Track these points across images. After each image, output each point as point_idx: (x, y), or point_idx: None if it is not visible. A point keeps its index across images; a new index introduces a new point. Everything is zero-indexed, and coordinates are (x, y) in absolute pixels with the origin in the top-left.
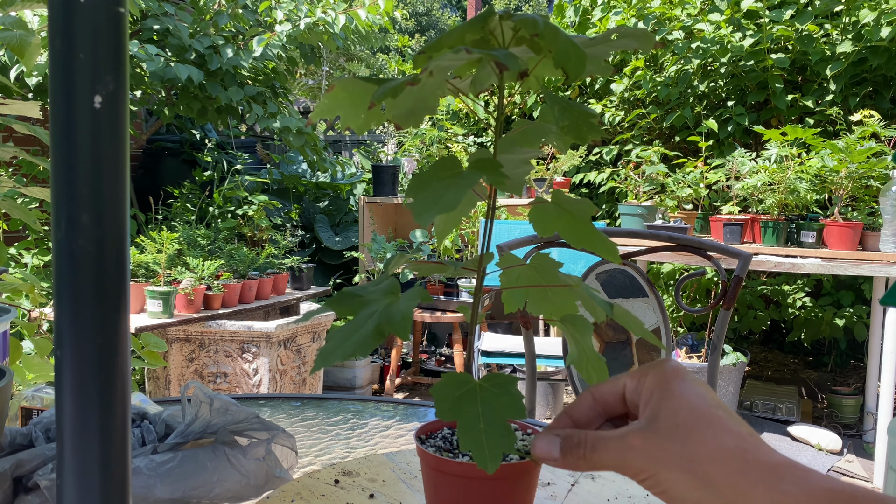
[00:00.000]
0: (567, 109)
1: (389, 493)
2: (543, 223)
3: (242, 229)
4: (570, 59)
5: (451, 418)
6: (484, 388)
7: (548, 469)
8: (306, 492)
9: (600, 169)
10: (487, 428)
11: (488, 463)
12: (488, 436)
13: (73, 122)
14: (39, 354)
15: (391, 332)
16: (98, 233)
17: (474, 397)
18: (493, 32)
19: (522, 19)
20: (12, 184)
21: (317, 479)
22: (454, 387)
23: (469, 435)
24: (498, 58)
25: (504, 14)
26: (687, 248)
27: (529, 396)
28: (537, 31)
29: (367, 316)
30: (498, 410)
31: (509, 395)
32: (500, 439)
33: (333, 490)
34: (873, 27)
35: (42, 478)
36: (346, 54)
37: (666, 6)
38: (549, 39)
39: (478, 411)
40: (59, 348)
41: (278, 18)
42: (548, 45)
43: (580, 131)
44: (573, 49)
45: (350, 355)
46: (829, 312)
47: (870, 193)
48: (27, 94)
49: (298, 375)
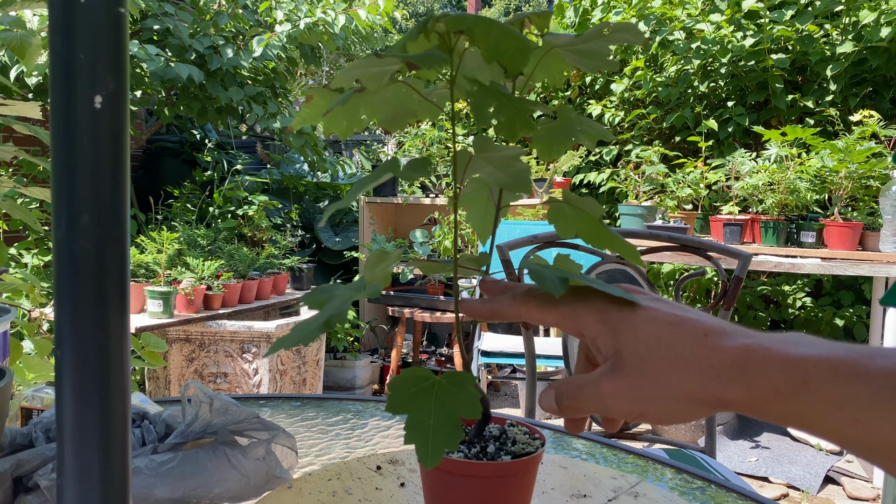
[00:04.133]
0: (504, 105)
1: (420, 483)
2: (563, 224)
3: (242, 229)
4: (505, 52)
5: (401, 412)
6: (442, 385)
7: (589, 481)
8: (346, 473)
9: (600, 169)
10: (436, 424)
11: (428, 459)
12: (435, 432)
13: (74, 122)
14: (39, 354)
15: (337, 325)
16: (98, 233)
17: (430, 393)
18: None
19: (451, 18)
20: (12, 184)
21: (362, 463)
22: (412, 382)
23: (416, 430)
24: (408, 59)
25: (440, 16)
26: (687, 248)
27: (529, 396)
28: (462, 27)
29: (326, 310)
30: (452, 408)
31: (465, 394)
32: (447, 436)
33: (372, 475)
34: (873, 27)
35: (42, 478)
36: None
37: (666, 6)
38: (479, 35)
39: (430, 407)
40: (59, 348)
41: (278, 18)
42: (478, 42)
43: (514, 128)
44: (510, 42)
45: (298, 343)
46: (828, 312)
47: (870, 193)
48: (27, 95)
49: (298, 375)
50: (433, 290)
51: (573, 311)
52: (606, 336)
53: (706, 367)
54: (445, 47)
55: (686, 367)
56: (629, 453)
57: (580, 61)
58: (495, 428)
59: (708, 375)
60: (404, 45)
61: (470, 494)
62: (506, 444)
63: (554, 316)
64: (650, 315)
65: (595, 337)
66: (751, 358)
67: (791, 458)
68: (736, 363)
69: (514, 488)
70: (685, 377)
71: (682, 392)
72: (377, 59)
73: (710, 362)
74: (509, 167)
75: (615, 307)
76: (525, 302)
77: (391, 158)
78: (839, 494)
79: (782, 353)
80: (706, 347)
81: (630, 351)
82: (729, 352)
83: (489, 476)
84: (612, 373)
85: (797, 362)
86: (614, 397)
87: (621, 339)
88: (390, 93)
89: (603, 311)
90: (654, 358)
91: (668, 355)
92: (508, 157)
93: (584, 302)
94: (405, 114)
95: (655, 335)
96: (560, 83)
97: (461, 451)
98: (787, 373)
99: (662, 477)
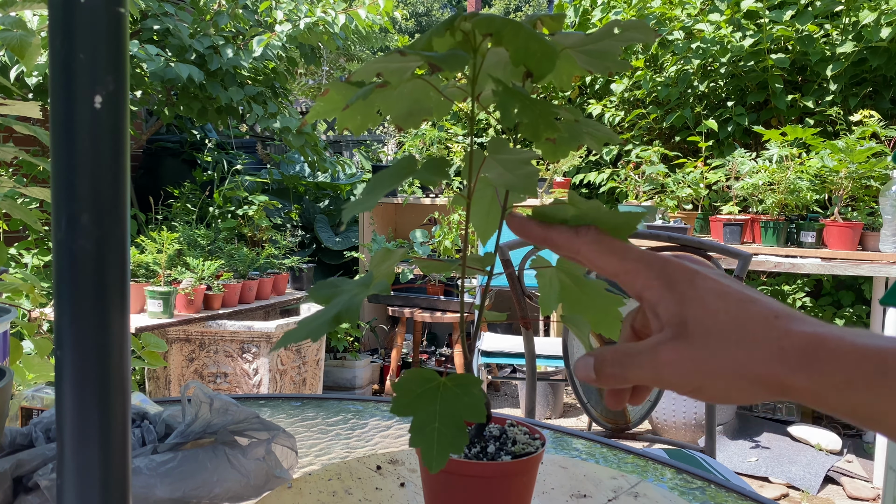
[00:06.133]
0: (528, 107)
1: (420, 483)
2: None
3: (242, 229)
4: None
5: (406, 414)
6: (447, 387)
7: (589, 481)
8: (346, 473)
9: (600, 169)
10: (441, 427)
11: (433, 462)
12: (440, 435)
13: (74, 122)
14: (39, 354)
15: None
16: (98, 233)
17: (435, 395)
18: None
19: (480, 19)
20: (12, 184)
21: (363, 463)
22: (417, 383)
23: (421, 432)
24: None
25: (468, 15)
26: (687, 248)
27: (529, 396)
28: (491, 30)
29: (335, 304)
30: (457, 411)
31: (470, 397)
32: (452, 440)
33: (371, 475)
34: (873, 27)
35: (42, 478)
36: (347, 54)
37: (666, 6)
38: (507, 37)
39: (435, 410)
40: (59, 348)
41: (278, 18)
42: (506, 44)
43: (538, 130)
44: (537, 45)
45: (307, 337)
46: (828, 312)
47: (870, 193)
48: (27, 95)
49: (298, 375)
50: (433, 290)
51: (637, 268)
52: (671, 303)
53: (776, 348)
54: (469, 46)
55: (754, 346)
56: (629, 453)
57: (591, 62)
58: (495, 428)
59: (776, 357)
60: (429, 40)
61: (470, 494)
62: (506, 445)
63: (615, 265)
64: (721, 289)
65: (657, 302)
66: (823, 345)
67: (791, 458)
68: (807, 349)
69: (513, 488)
70: (752, 355)
71: (746, 370)
72: (400, 56)
73: (780, 344)
74: (518, 169)
75: (684, 275)
76: (590, 240)
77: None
78: (839, 494)
79: (858, 344)
80: (777, 329)
81: (697, 322)
82: (800, 336)
83: (489, 476)
84: (673, 341)
85: (875, 353)
86: (672, 367)
87: (688, 308)
88: (408, 89)
89: (670, 277)
90: (722, 332)
91: (736, 331)
92: (520, 160)
93: (651, 263)
94: (420, 111)
95: (725, 309)
96: (568, 86)
97: None
98: (862, 363)
99: (662, 477)
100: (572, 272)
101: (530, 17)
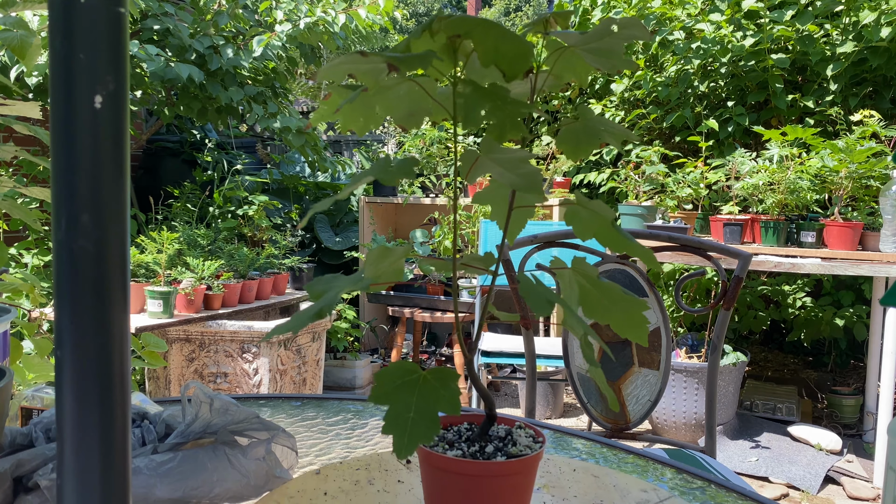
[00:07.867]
0: (499, 108)
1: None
2: (581, 226)
3: (243, 229)
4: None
5: (384, 403)
6: (426, 380)
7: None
8: (375, 464)
9: (600, 169)
10: (416, 417)
11: (403, 450)
12: (414, 425)
13: (74, 122)
14: (39, 354)
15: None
16: (98, 233)
17: (413, 387)
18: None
19: (452, 20)
20: (12, 184)
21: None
22: (398, 374)
23: (396, 421)
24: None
25: (443, 17)
26: (687, 248)
27: (529, 396)
28: (461, 31)
29: (322, 300)
30: (432, 403)
31: (447, 390)
32: (424, 430)
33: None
34: (873, 27)
35: (42, 478)
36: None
37: (666, 6)
38: (477, 38)
39: (412, 401)
40: (59, 348)
41: (278, 18)
42: (476, 45)
43: (503, 131)
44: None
45: (290, 329)
46: (829, 312)
47: (870, 193)
48: (27, 95)
49: (298, 375)
50: (433, 290)
51: None
52: None
53: None
54: (451, 48)
55: None
56: (629, 453)
57: (597, 61)
58: (502, 429)
59: None
60: (408, 43)
61: (459, 492)
62: (507, 446)
63: None
64: None
65: None
66: None
67: (791, 458)
68: None
69: (504, 489)
70: None
71: None
72: (362, 58)
73: None
74: (518, 169)
75: None
76: None
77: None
78: (839, 494)
79: None
80: None
81: None
82: None
83: (477, 475)
84: None
85: None
86: None
87: None
88: (404, 90)
89: None
90: None
91: None
92: (516, 160)
93: None
94: (421, 111)
95: None
96: (585, 83)
97: (460, 448)
98: None
99: (662, 477)
100: (588, 274)
101: (540, 15)
